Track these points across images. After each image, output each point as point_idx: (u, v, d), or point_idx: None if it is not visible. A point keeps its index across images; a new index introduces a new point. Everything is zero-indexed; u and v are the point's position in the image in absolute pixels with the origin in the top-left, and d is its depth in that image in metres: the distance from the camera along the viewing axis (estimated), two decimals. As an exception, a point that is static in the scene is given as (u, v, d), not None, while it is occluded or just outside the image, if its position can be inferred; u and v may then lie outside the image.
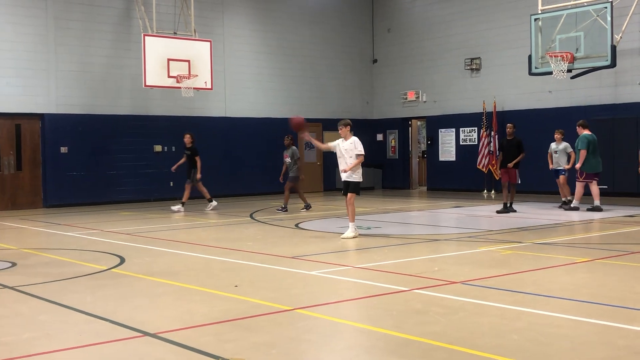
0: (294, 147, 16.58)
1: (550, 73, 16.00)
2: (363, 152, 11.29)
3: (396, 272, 8.15)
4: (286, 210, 16.02)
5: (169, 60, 17.88)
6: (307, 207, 16.29)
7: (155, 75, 17.77)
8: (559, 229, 12.32)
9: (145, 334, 5.54)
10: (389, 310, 6.35)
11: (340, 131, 11.46)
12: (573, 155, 15.37)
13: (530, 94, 20.35)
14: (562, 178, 15.58)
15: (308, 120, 23.17)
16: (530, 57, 16.63)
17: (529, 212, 14.97)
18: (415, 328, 5.65)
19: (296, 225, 13.35)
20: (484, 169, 20.85)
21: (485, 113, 20.75)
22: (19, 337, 5.61)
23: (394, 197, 20.54)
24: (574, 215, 14.29)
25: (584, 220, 13.62)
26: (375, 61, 24.89)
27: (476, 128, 21.62)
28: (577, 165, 15.04)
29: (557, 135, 15.70)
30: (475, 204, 17.74)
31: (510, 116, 20.18)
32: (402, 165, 24.50)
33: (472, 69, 21.73)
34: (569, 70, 15.98)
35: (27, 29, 18.15)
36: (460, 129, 22.28)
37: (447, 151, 22.72)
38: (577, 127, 15.41)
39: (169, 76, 17.91)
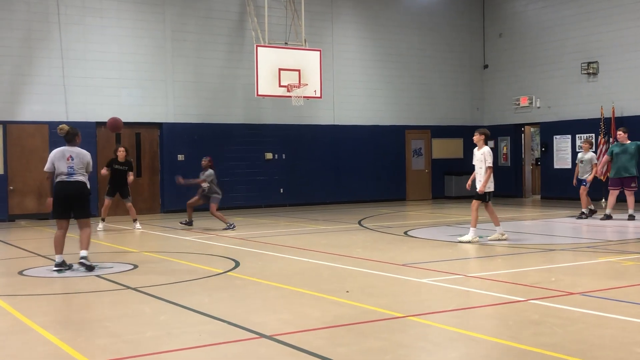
0: (211, 171, 14.76)
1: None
2: (491, 165, 11.65)
3: (511, 282, 7.96)
4: (233, 228, 14.38)
5: (280, 70, 18.28)
6: (188, 223, 15.02)
7: (267, 84, 18.21)
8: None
9: (262, 335, 5.69)
10: (504, 320, 6.22)
11: (474, 138, 11.90)
12: (595, 167, 15.55)
13: (653, 99, 19.39)
14: (583, 188, 15.67)
15: (417, 127, 23.35)
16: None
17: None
18: (531, 339, 5.50)
19: (405, 232, 13.29)
20: (602, 177, 20.00)
21: (603, 119, 19.93)
22: (142, 335, 5.88)
23: (506, 205, 20.03)
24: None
25: None
26: (486, 66, 24.43)
27: (593, 135, 20.79)
28: None
29: (584, 145, 15.98)
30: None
31: (629, 122, 19.28)
32: (515, 172, 23.88)
33: (588, 73, 20.94)
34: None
35: (146, 41, 19.03)
36: (577, 136, 21.50)
37: (563, 158, 21.97)
38: None
39: (280, 85, 18.31)
